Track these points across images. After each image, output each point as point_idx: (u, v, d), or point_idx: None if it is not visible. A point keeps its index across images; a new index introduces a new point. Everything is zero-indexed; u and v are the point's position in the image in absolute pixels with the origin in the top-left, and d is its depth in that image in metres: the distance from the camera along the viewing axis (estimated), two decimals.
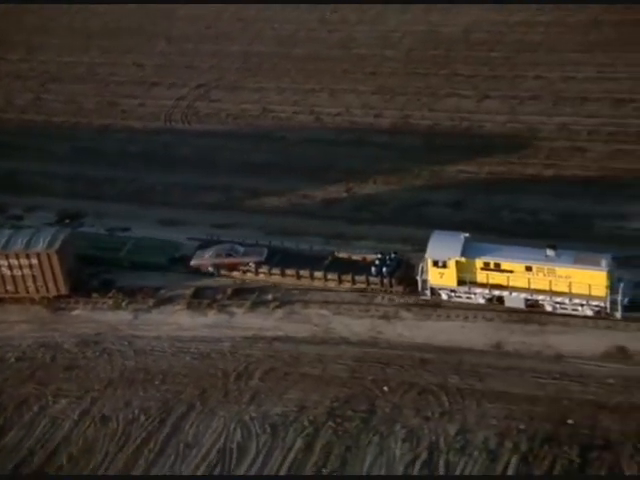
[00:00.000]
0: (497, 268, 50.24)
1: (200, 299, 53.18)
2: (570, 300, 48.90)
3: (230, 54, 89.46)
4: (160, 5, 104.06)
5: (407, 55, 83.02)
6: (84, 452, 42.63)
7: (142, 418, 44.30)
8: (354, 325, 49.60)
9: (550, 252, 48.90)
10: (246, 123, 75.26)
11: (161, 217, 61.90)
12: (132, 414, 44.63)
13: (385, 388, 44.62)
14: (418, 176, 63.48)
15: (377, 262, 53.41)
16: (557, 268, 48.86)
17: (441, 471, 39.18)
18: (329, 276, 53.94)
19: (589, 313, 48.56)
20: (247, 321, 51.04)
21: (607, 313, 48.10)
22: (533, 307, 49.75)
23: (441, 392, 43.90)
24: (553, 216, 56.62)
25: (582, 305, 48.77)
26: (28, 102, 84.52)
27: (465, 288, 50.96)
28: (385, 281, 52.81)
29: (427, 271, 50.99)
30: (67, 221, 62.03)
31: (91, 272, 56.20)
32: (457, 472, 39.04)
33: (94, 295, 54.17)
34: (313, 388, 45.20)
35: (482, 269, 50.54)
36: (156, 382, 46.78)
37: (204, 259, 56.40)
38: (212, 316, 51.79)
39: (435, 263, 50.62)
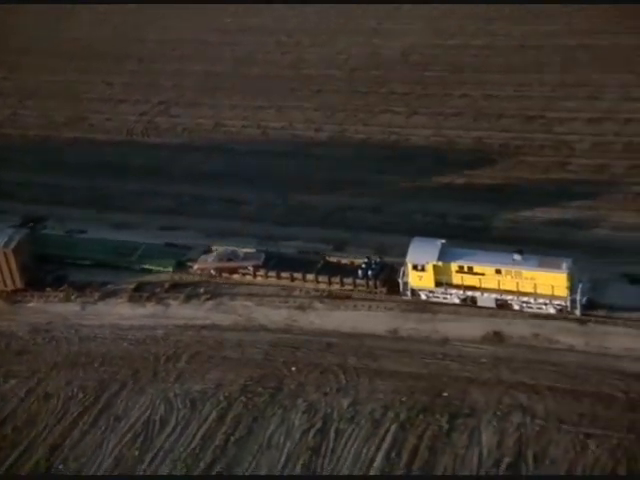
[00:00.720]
0: (470, 271, 52.80)
1: (141, 292, 57.58)
2: (535, 300, 51.49)
3: (192, 73, 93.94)
4: (132, 29, 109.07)
5: (350, 75, 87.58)
6: (27, 424, 46.99)
7: (80, 395, 48.65)
8: (273, 314, 53.99)
9: (517, 256, 51.58)
10: (200, 136, 79.69)
11: (115, 221, 66.19)
12: (72, 392, 48.99)
13: (293, 368, 49.04)
14: (346, 184, 67.94)
15: (363, 266, 55.84)
16: (523, 271, 51.42)
17: (331, 436, 43.87)
18: (320, 278, 56.26)
19: (552, 311, 51.15)
20: (180, 312, 55.44)
21: (568, 311, 50.69)
22: (503, 306, 52.23)
23: (340, 371, 48.34)
24: (458, 219, 61.12)
25: (546, 304, 51.30)
26: (5, 117, 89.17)
27: (442, 289, 53.52)
28: (370, 283, 55.28)
29: (408, 274, 53.61)
30: (30, 224, 66.14)
31: (47, 269, 60.79)
32: (345, 437, 43.73)
33: (48, 289, 58.55)
34: (231, 369, 49.60)
35: (457, 272, 53.05)
36: (95, 364, 51.12)
37: (207, 263, 59.06)
38: (150, 307, 56.16)
39: (415, 267, 53.18)
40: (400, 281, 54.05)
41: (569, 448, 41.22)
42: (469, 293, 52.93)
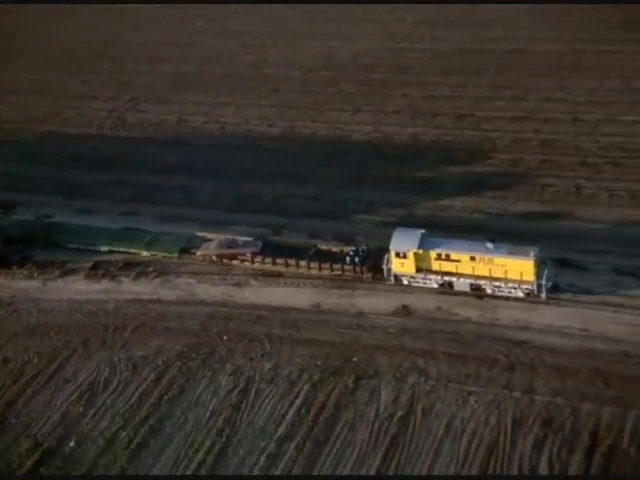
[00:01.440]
0: (447, 258, 55.12)
1: (97, 271, 61.81)
2: (505, 284, 53.89)
3: (162, 73, 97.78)
4: (113, 33, 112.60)
5: (305, 75, 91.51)
6: None
7: (35, 360, 52.96)
8: (212, 290, 58.28)
9: (489, 245, 53.97)
10: (164, 131, 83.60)
11: (80, 207, 70.19)
12: (28, 357, 53.29)
13: (225, 337, 53.39)
14: (291, 175, 72.04)
15: (351, 253, 58.49)
16: (495, 258, 53.84)
17: (251, 394, 48.26)
18: (312, 265, 58.76)
19: (520, 295, 53.60)
20: (130, 288, 59.69)
21: (535, 295, 53.31)
22: (477, 290, 54.51)
23: (266, 340, 52.72)
24: (385, 206, 65.23)
25: (515, 288, 53.70)
26: None
27: (422, 275, 55.82)
28: (357, 269, 57.88)
29: (391, 261, 56.18)
30: (1, 210, 70.28)
31: (16, 249, 64.90)
32: (263, 396, 48.05)
33: (14, 267, 62.82)
34: (171, 338, 53.92)
35: (436, 259, 55.35)
36: (51, 334, 55.39)
37: (209, 250, 61.71)
38: (104, 284, 60.39)
39: (397, 254, 55.56)
40: (384, 267, 56.70)
41: (452, 403, 45.90)
42: (446, 278, 55.41)
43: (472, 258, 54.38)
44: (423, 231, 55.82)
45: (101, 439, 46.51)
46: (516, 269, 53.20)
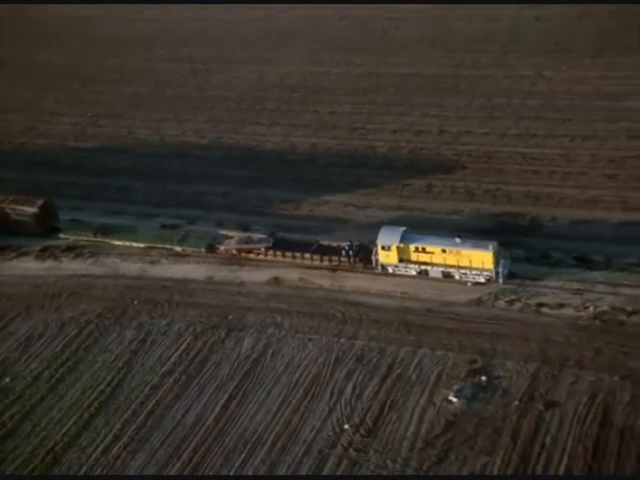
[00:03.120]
0: (423, 250, 61.41)
1: (44, 253, 71.85)
2: (470, 271, 60.09)
3: (122, 93, 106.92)
4: (86, 56, 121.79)
5: (239, 95, 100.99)
6: None
7: None
8: (131, 267, 68.26)
9: (457, 240, 60.47)
10: (116, 142, 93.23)
11: None
12: None
13: (135, 302, 63.52)
14: (210, 176, 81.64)
15: (346, 247, 64.63)
16: (461, 250, 60.08)
17: (148, 342, 58.32)
18: (314, 257, 64.93)
19: (482, 280, 59.76)
20: (69, 266, 69.75)
21: (494, 280, 59.36)
22: (447, 276, 60.74)
23: (166, 304, 62.84)
24: (279, 201, 75.04)
25: (478, 275, 59.92)
26: None
27: (403, 264, 62.12)
28: (351, 260, 64.25)
29: (378, 253, 62.81)
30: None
31: None
32: (156, 344, 58.21)
33: None
34: (94, 303, 63.97)
35: (414, 251, 61.64)
36: (3, 300, 65.48)
37: (230, 245, 68.22)
38: (49, 263, 70.40)
39: (383, 247, 62.12)
40: (373, 258, 63.15)
41: (295, 347, 56.21)
42: (423, 267, 61.77)
43: (443, 250, 60.83)
44: (404, 228, 62.82)
45: (29, 376, 56.76)
46: (478, 259, 59.75)
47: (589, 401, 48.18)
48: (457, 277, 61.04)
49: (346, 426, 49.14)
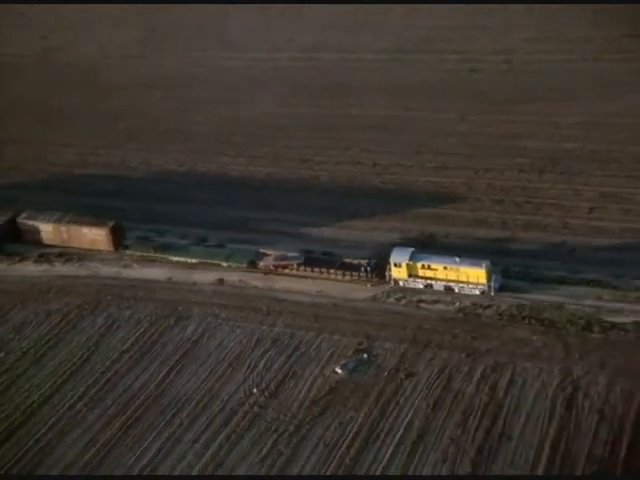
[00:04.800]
0: (429, 267, 67.59)
1: (41, 258, 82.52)
2: (467, 285, 66.19)
3: (120, 129, 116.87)
4: (88, 98, 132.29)
5: (215, 131, 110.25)
6: None
7: None
8: (109, 270, 78.82)
9: (457, 259, 66.72)
10: (110, 169, 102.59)
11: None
12: None
13: (108, 297, 74.18)
14: (181, 198, 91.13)
15: (365, 264, 71.02)
16: (460, 268, 66.30)
17: (114, 328, 68.84)
18: (338, 272, 71.33)
19: (477, 293, 65.89)
20: (60, 269, 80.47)
21: (487, 293, 65.66)
22: (448, 289, 66.73)
23: (132, 298, 73.41)
24: (239, 219, 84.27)
25: (473, 288, 65.87)
26: None
27: (412, 279, 68.26)
28: (368, 275, 70.58)
29: (391, 269, 69.21)
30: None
31: None
32: (120, 330, 68.78)
33: None
34: (76, 297, 74.59)
35: (421, 268, 67.77)
36: (3, 295, 76.12)
37: (267, 262, 74.66)
38: (44, 266, 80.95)
39: (395, 264, 68.57)
40: (387, 274, 69.60)
41: (227, 332, 66.92)
42: (428, 281, 67.90)
43: (445, 268, 67.09)
44: (413, 249, 69.46)
45: (19, 352, 67.64)
46: (474, 275, 65.95)
47: (439, 372, 58.64)
48: (457, 290, 67.04)
49: (254, 390, 59.65)
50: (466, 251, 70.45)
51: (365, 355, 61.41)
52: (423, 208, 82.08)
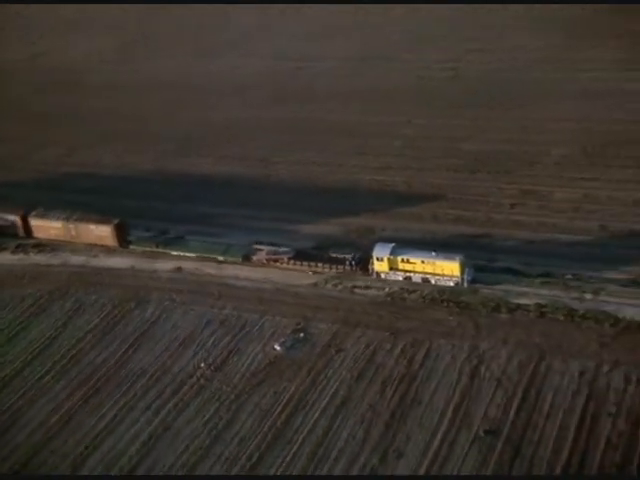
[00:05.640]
0: (408, 261, 70.66)
1: (18, 248, 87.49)
2: (443, 277, 69.39)
3: (97, 132, 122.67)
4: (71, 101, 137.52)
5: (186, 133, 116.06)
6: None
7: None
8: (79, 259, 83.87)
9: (433, 253, 69.84)
10: (87, 168, 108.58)
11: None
12: None
13: (77, 283, 79.24)
14: (151, 195, 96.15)
15: (350, 258, 74.36)
16: (436, 261, 69.49)
17: (80, 310, 73.87)
18: (325, 266, 74.34)
19: (452, 284, 69.04)
20: (34, 258, 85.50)
21: (461, 284, 68.83)
22: (426, 281, 69.90)
23: (99, 285, 78.45)
24: (203, 214, 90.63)
25: (448, 280, 69.17)
26: None
27: (393, 272, 71.37)
28: (352, 268, 73.83)
29: (373, 263, 72.38)
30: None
31: None
32: (85, 313, 73.87)
33: None
34: (48, 283, 79.65)
35: (401, 262, 70.82)
36: None
37: (261, 256, 77.73)
38: (21, 255, 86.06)
39: (377, 258, 71.57)
40: (370, 267, 72.96)
41: (181, 314, 72.27)
42: (407, 274, 71.21)
43: (422, 261, 70.38)
44: (394, 244, 72.46)
45: None
46: (449, 268, 69.28)
47: (364, 348, 64.26)
48: (433, 282, 70.31)
49: (202, 364, 65.06)
50: (400, 242, 76.12)
51: (302, 334, 66.86)
52: (365, 204, 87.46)
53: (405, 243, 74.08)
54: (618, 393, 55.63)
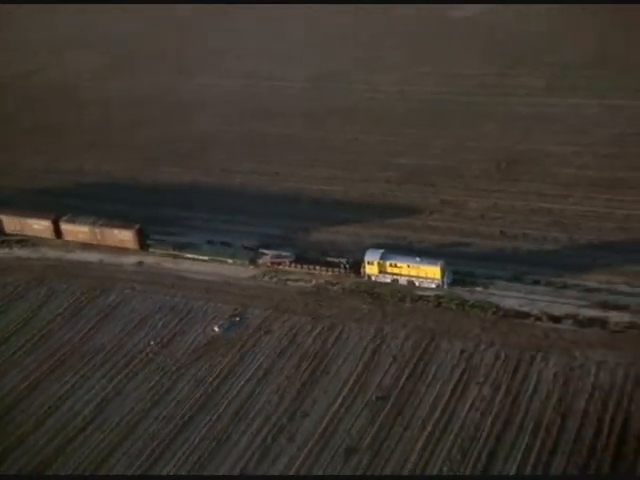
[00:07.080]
0: (395, 265, 76.00)
1: (3, 243, 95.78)
2: (426, 280, 74.64)
3: (83, 142, 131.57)
4: (61, 116, 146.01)
5: (159, 145, 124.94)
6: None
7: None
8: (56, 254, 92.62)
9: (418, 259, 75.23)
10: (70, 175, 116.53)
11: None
12: None
13: (52, 274, 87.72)
14: (134, 201, 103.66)
15: (344, 262, 79.62)
16: (420, 266, 75.10)
17: (52, 297, 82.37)
18: (322, 269, 79.71)
19: (433, 286, 74.31)
20: (17, 252, 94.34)
21: (441, 287, 74.19)
22: (410, 283, 74.89)
23: (71, 276, 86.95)
24: (170, 218, 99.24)
25: (431, 282, 74.36)
26: None
27: (382, 275, 76.66)
28: (346, 271, 79.04)
29: (365, 266, 77.71)
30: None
31: None
32: (57, 298, 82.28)
33: None
34: (26, 274, 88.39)
35: (389, 266, 76.21)
36: None
37: (265, 259, 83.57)
38: (5, 250, 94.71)
39: (368, 262, 76.94)
40: (362, 270, 78.24)
41: (141, 301, 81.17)
42: (395, 277, 76.43)
43: (408, 266, 75.78)
44: (383, 250, 77.61)
45: None
46: (431, 272, 74.75)
47: (289, 330, 73.32)
48: (417, 284, 75.81)
49: (151, 342, 73.79)
50: (330, 244, 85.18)
51: (238, 318, 75.64)
52: (306, 209, 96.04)
53: (394, 249, 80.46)
54: (488, 367, 64.84)
